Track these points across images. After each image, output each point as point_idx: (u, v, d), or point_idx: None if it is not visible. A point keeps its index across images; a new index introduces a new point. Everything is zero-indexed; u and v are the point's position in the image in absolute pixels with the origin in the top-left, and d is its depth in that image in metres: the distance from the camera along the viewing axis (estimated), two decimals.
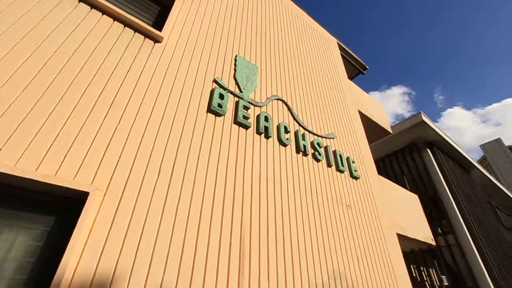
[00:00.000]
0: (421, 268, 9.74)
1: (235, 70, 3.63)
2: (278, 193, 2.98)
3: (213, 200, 2.42)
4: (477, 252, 8.30)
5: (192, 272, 2.00)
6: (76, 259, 1.60)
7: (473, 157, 14.07)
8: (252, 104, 3.49)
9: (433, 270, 9.27)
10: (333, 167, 4.04)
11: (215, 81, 3.26)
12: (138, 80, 2.60)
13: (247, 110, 3.37)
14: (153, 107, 2.54)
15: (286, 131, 3.65)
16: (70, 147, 1.91)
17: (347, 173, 4.22)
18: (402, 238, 4.70)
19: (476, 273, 8.03)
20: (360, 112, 6.09)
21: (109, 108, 2.27)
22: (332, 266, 2.99)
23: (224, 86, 3.31)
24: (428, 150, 10.30)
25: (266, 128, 3.39)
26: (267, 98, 3.79)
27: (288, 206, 2.98)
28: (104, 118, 2.19)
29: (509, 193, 17.18)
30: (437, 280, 9.23)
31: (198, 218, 2.25)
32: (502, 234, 11.64)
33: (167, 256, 1.95)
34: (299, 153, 3.63)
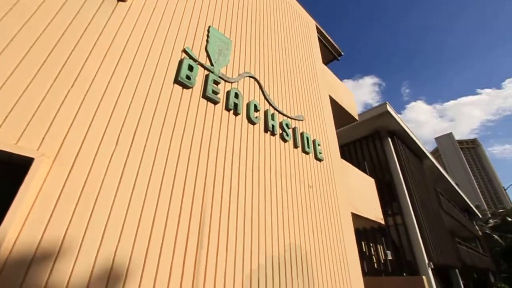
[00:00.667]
0: (371, 244, 10.75)
1: (207, 41, 3.46)
2: (243, 170, 3.02)
3: (175, 174, 2.38)
4: (418, 231, 9.35)
5: (149, 242, 1.99)
6: (17, 228, 1.50)
7: (428, 148, 15.34)
8: (223, 79, 3.39)
9: (381, 246, 10.30)
10: (299, 149, 4.16)
11: (184, 51, 3.09)
12: (96, 41, 2.37)
13: (217, 85, 3.27)
14: (113, 72, 2.35)
15: (256, 110, 3.64)
16: (12, 108, 1.73)
17: (312, 155, 4.38)
18: (356, 216, 5.10)
19: (415, 248, 9.10)
20: (330, 98, 6.25)
21: (61, 68, 2.06)
22: (289, 240, 3.17)
23: (194, 57, 3.15)
24: (389, 139, 11.02)
25: (235, 105, 3.34)
26: (239, 75, 3.71)
27: (252, 182, 3.05)
28: (55, 79, 1.99)
29: (452, 182, 19.25)
30: (383, 254, 10.31)
31: (157, 191, 2.21)
32: (440, 217, 13.17)
33: (123, 226, 1.91)
34: (267, 132, 3.67)
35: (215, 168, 2.74)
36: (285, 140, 3.91)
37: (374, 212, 5.69)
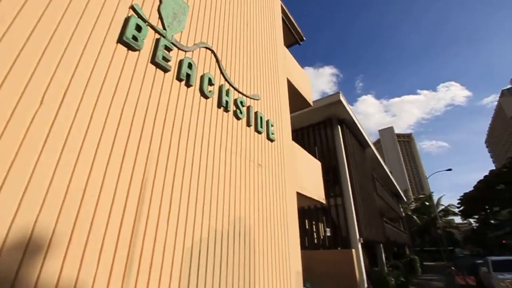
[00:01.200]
0: (313, 222, 11.72)
1: (160, 1, 3.15)
2: (191, 142, 2.94)
3: (114, 138, 2.20)
4: (354, 212, 10.45)
5: (78, 209, 1.84)
6: None
7: (371, 139, 16.90)
8: (176, 47, 3.17)
9: (322, 224, 11.32)
10: (252, 127, 4.19)
11: (132, 8, 2.77)
12: None
13: (169, 51, 3.04)
14: (39, 18, 2.00)
15: (210, 84, 3.51)
16: None
17: (264, 134, 4.47)
18: (301, 196, 5.45)
19: (350, 226, 10.20)
20: (288, 81, 6.36)
21: None
22: (234, 214, 3.26)
23: (144, 17, 2.85)
24: (339, 127, 11.81)
25: (188, 75, 3.17)
26: (194, 44, 3.50)
27: (200, 156, 3.00)
28: None
29: (387, 170, 21.70)
30: (323, 231, 11.37)
31: (92, 154, 2.02)
32: (374, 199, 14.90)
33: (47, 192, 1.72)
34: (220, 108, 3.60)
35: (161, 137, 2.61)
36: (238, 118, 3.89)
37: (318, 192, 6.15)
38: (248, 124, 4.10)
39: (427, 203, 42.09)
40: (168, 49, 3.03)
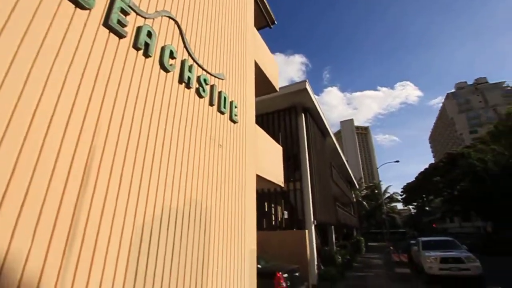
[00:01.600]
0: (272, 205, 12.17)
1: None
2: (148, 116, 2.79)
3: (54, 110, 1.98)
4: (311, 196, 11.08)
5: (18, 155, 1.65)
6: None
7: (333, 129, 17.79)
8: (134, 11, 2.90)
9: (280, 207, 11.83)
10: (215, 107, 4.11)
11: None
12: None
13: (125, 15, 2.77)
14: None
15: (172, 57, 3.32)
16: None
17: (227, 115, 4.42)
18: (260, 178, 5.58)
19: (306, 209, 10.81)
20: (256, 63, 6.29)
21: None
22: (191, 193, 3.22)
23: None
24: (303, 115, 12.17)
25: (147, 44, 2.95)
26: (156, 12, 3.24)
27: (157, 131, 2.87)
28: None
29: (344, 159, 23.15)
30: (281, 214, 11.90)
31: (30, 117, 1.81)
32: (330, 185, 15.92)
33: None
34: (181, 83, 3.44)
35: (112, 108, 2.42)
36: (200, 96, 3.77)
37: (277, 176, 6.36)
38: (211, 104, 4.01)
39: (376, 191, 46.38)
40: (124, 12, 2.76)
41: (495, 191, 24.40)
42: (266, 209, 11.91)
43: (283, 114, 12.33)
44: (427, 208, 52.20)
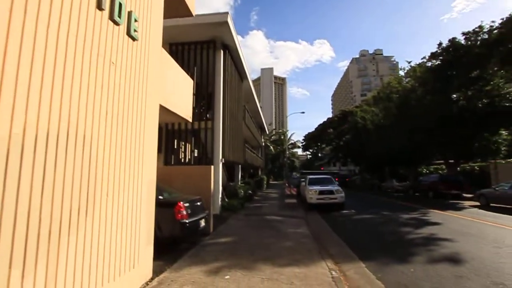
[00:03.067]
0: (182, 142, 11.99)
1: None
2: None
3: None
4: (221, 136, 11.40)
5: None
6: None
7: (253, 76, 17.88)
8: None
9: (190, 145, 11.80)
10: (106, 13, 3.31)
11: None
12: None
13: None
14: None
15: None
16: None
17: (123, 28, 3.67)
18: (165, 110, 5.22)
19: (215, 148, 11.17)
20: None
21: None
22: (70, 112, 2.69)
23: None
24: (222, 52, 11.56)
25: None
26: None
27: (22, 34, 2.11)
28: None
29: (258, 105, 24.24)
30: (190, 151, 11.95)
31: None
32: (241, 127, 16.69)
33: None
34: None
35: None
36: None
37: (185, 110, 6.09)
38: (100, 7, 3.19)
39: (282, 137, 51.99)
40: None
41: (366, 145, 31.16)
42: (175, 146, 11.68)
43: (200, 48, 11.41)
44: (319, 155, 62.86)
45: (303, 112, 36.33)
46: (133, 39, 3.90)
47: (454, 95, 20.34)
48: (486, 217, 10.29)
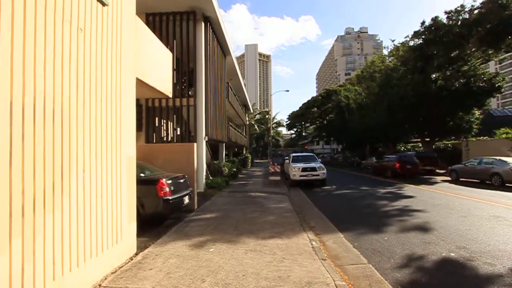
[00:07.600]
0: (164, 120, 11.66)
1: None
2: None
3: None
4: (204, 113, 11.15)
5: None
6: None
7: (238, 52, 17.26)
8: None
9: (172, 123, 11.50)
10: None
11: None
12: None
13: None
14: None
15: None
16: None
17: None
18: (143, 84, 4.97)
19: (198, 126, 10.97)
20: None
21: None
22: (42, 84, 2.48)
23: None
24: (203, 24, 10.98)
25: None
26: None
27: None
28: None
29: (242, 82, 23.75)
30: (172, 129, 11.67)
31: None
32: (225, 105, 16.40)
33: None
34: None
35: None
36: None
37: (164, 84, 5.82)
38: None
39: (267, 116, 51.85)
40: None
41: (349, 123, 31.81)
42: (156, 124, 11.36)
43: (180, 19, 10.75)
44: (303, 133, 63.65)
45: (287, 91, 36.15)
46: (103, 4, 3.57)
47: (434, 75, 20.86)
48: (456, 190, 11.06)
